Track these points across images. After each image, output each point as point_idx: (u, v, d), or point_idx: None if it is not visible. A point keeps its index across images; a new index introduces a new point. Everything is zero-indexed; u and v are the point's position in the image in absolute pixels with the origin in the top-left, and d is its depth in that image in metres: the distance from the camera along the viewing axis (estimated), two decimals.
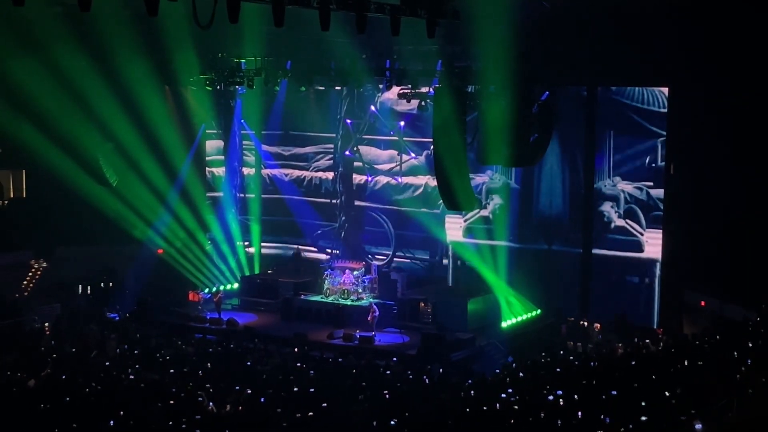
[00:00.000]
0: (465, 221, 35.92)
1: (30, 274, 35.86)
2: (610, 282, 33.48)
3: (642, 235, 32.99)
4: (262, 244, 40.28)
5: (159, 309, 33.88)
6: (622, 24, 29.30)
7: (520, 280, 34.21)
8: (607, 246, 33.53)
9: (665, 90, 32.12)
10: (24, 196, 37.98)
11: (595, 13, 29.17)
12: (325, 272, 35.03)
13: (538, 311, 34.00)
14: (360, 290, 34.10)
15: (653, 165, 32.63)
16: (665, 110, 32.17)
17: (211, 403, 20.47)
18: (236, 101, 37.88)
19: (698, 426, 15.64)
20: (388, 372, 25.55)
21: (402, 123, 36.83)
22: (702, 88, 29.94)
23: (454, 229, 36.25)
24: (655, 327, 31.70)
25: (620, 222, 33.35)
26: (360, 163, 38.52)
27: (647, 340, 28.11)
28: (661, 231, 32.54)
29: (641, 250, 32.97)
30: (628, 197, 33.12)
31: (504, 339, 31.47)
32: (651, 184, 32.71)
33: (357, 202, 38.67)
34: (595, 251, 33.64)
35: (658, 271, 32.67)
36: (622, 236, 33.28)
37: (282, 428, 18.58)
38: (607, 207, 33.51)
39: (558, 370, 23.37)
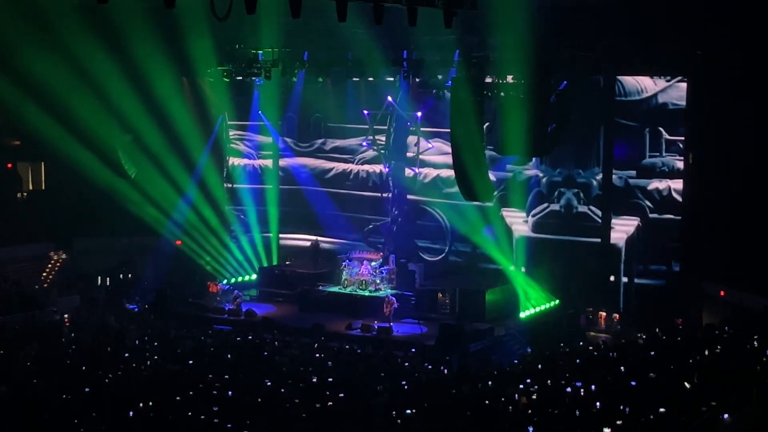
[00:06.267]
0: (533, 216, 35.26)
1: (49, 265, 36.09)
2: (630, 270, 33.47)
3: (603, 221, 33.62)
4: (281, 235, 40.26)
5: (178, 300, 33.99)
6: (640, 13, 29.16)
7: (539, 271, 34.20)
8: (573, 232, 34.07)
9: (646, 80, 32.34)
10: (43, 188, 38.28)
11: (612, 3, 29.04)
12: (343, 263, 35.07)
13: (557, 301, 33.94)
14: (378, 281, 34.11)
15: (639, 155, 32.86)
16: (641, 97, 32.47)
17: (229, 393, 20.53)
18: (254, 92, 37.95)
19: (725, 416, 15.60)
20: (407, 363, 25.57)
21: (419, 113, 36.77)
22: (721, 78, 29.80)
23: (517, 223, 35.55)
24: (674, 317, 31.61)
25: (583, 209, 33.87)
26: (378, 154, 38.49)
27: (665, 331, 28.01)
28: (632, 218, 33.01)
29: (602, 237, 33.50)
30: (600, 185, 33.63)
31: (522, 329, 31.44)
32: (633, 173, 32.94)
33: (409, 196, 37.81)
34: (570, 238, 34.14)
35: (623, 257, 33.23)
36: (587, 222, 33.89)
37: (301, 418, 18.64)
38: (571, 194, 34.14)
39: (577, 360, 23.33)
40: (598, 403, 17.83)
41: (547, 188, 34.66)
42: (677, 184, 32.52)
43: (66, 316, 31.41)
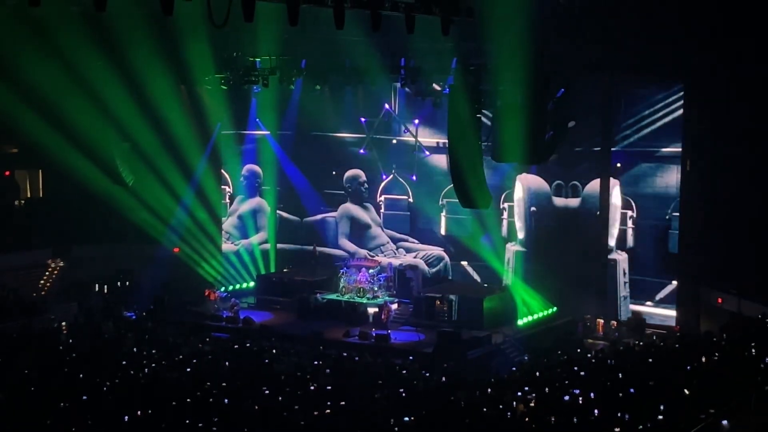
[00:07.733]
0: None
1: (47, 273, 36.00)
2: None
3: None
4: (278, 242, 40.23)
5: (175, 307, 33.97)
6: (637, 19, 29.24)
7: (536, 278, 34.21)
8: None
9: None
10: (41, 195, 38.17)
11: (610, 8, 29.12)
12: (341, 270, 35.08)
13: (555, 309, 33.94)
14: (376, 288, 34.12)
15: None
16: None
17: (226, 401, 20.50)
18: (251, 100, 37.97)
19: (724, 422, 15.60)
20: (405, 371, 25.55)
21: (416, 121, 36.83)
22: (719, 83, 29.87)
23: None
24: (672, 324, 31.66)
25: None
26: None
27: (663, 338, 28.03)
28: None
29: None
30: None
31: (520, 337, 31.43)
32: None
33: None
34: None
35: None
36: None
37: (299, 426, 18.61)
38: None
39: (575, 368, 23.32)
40: (596, 411, 17.83)
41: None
42: None
43: (63, 323, 31.26)
